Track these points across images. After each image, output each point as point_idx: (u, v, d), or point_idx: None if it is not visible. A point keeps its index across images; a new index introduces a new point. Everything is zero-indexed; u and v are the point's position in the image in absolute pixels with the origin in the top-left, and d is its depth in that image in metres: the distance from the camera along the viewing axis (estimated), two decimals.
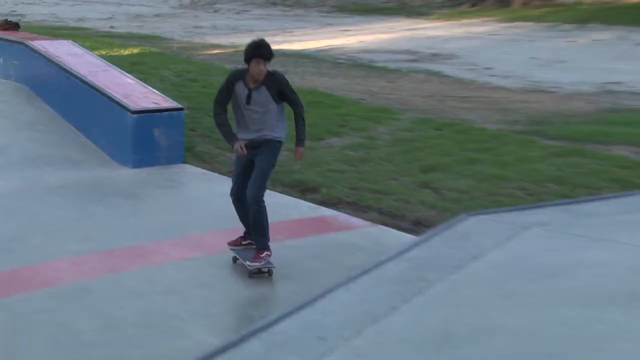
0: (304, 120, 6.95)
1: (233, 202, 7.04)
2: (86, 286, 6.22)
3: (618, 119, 11.66)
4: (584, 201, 5.91)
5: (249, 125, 6.88)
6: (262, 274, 6.73)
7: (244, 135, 6.87)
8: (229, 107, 7.01)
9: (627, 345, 3.67)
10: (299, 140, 6.90)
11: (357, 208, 7.90)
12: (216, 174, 8.98)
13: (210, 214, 7.87)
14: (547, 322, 3.79)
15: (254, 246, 6.98)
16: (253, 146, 6.79)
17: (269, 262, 6.81)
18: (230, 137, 6.87)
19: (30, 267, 6.57)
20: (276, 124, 6.92)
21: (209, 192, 8.51)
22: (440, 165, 8.68)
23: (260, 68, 6.62)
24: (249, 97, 6.73)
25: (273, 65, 6.99)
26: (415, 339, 3.72)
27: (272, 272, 6.76)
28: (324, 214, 7.83)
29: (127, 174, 8.88)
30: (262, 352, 3.67)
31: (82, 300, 5.96)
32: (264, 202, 6.87)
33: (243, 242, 7.14)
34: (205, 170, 9.12)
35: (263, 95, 6.74)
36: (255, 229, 6.95)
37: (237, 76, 6.82)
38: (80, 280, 6.32)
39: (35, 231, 7.21)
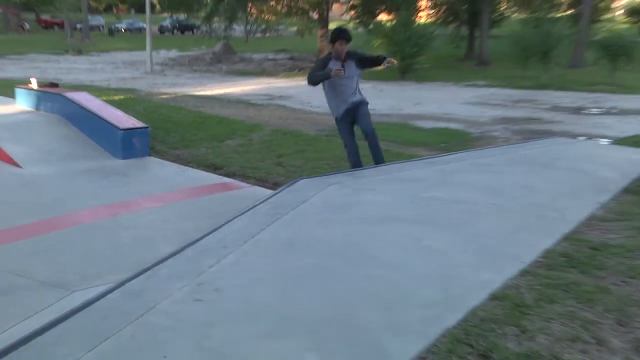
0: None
1: (357, 160, 5.92)
2: (99, 225, 6.02)
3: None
4: (359, 169, 6.01)
5: (345, 96, 5.63)
6: None
7: (343, 107, 5.71)
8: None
9: (382, 243, 3.70)
10: (386, 58, 5.62)
11: (244, 177, 7.72)
12: (168, 162, 8.77)
13: (166, 183, 7.67)
14: (344, 234, 3.85)
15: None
16: (352, 109, 5.70)
17: None
18: (328, 73, 5.48)
19: (67, 215, 6.27)
20: (359, 89, 5.75)
21: (164, 172, 8.30)
22: (286, 153, 8.64)
23: (342, 47, 5.44)
24: (343, 67, 5.42)
25: (191, 101, 6.87)
26: (275, 245, 3.74)
27: None
28: (226, 181, 7.63)
29: (119, 163, 8.54)
30: (193, 255, 3.54)
31: (97, 233, 5.77)
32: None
33: None
34: (161, 160, 8.86)
35: (351, 67, 5.53)
36: (379, 150, 5.91)
37: (328, 57, 5.63)
38: (95, 221, 6.11)
39: (69, 195, 6.90)
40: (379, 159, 5.88)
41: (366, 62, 5.74)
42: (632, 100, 14.43)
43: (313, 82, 5.70)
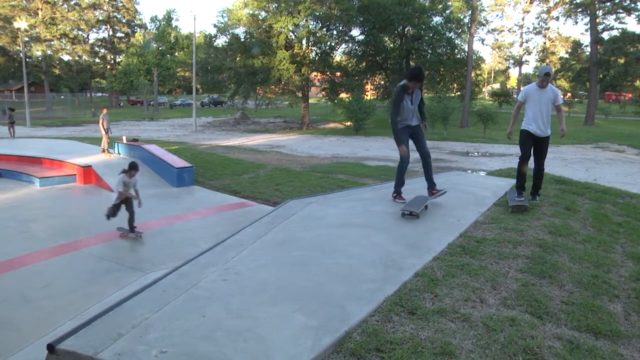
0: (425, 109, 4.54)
1: (405, 165, 4.48)
2: (162, 229, 5.94)
3: (338, 165, 11.83)
4: (328, 192, 5.91)
5: (411, 117, 4.36)
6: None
7: (409, 122, 4.41)
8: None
9: (343, 240, 3.66)
10: (425, 119, 4.55)
11: (254, 199, 7.65)
12: (205, 189, 8.63)
13: (205, 202, 7.57)
14: (319, 234, 3.78)
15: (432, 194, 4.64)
16: (413, 126, 4.39)
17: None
18: (399, 136, 4.40)
19: (143, 223, 6.16)
20: (418, 115, 4.49)
21: (203, 195, 8.18)
22: (281, 182, 8.58)
23: (416, 85, 4.27)
24: (411, 99, 4.34)
25: (220, 149, 6.50)
26: (274, 242, 3.64)
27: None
28: (242, 201, 7.53)
29: (174, 190, 8.43)
30: (220, 250, 3.45)
31: (161, 235, 5.64)
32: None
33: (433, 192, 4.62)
34: (201, 187, 8.72)
35: (417, 96, 4.38)
36: (431, 169, 4.68)
37: (402, 90, 4.31)
38: (159, 227, 5.99)
39: (144, 210, 6.68)
40: (429, 174, 4.71)
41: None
42: (497, 147, 14.89)
43: (393, 122, 4.47)
